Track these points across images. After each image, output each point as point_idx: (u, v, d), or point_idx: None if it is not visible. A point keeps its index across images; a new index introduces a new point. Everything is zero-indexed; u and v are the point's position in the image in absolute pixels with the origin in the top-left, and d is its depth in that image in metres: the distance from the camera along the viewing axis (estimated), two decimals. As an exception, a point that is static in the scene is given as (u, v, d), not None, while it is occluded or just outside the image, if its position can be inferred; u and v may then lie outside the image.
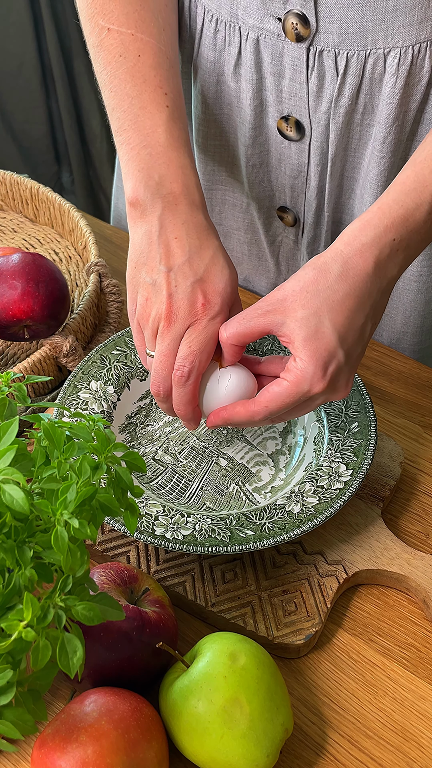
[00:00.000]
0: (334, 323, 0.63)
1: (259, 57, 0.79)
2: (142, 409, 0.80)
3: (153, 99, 0.72)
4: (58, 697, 0.64)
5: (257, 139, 0.84)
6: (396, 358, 0.90)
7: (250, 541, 0.67)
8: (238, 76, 0.81)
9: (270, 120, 0.83)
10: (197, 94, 0.86)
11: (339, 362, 0.63)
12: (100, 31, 0.75)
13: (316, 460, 0.74)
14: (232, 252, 0.98)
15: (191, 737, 0.57)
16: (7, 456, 0.51)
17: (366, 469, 0.71)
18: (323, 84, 0.78)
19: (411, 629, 0.69)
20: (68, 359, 0.83)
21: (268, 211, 0.91)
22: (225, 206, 0.93)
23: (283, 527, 0.68)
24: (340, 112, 0.79)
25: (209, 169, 0.90)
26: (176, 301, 0.66)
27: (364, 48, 0.75)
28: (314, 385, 0.63)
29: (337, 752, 0.62)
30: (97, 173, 2.22)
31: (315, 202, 0.87)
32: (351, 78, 0.76)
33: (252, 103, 0.82)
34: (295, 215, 0.90)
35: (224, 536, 0.68)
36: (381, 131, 0.78)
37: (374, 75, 0.76)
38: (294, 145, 0.83)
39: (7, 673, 0.49)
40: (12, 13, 1.93)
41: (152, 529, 0.68)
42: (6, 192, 1.06)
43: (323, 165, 0.84)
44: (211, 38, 0.81)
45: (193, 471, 0.75)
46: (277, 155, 0.85)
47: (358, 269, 0.64)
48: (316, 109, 0.80)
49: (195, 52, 0.83)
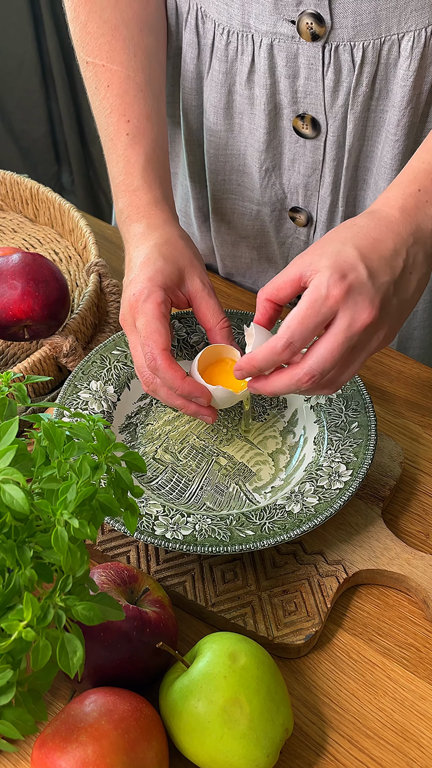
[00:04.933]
0: (357, 245, 0.63)
1: (273, 62, 0.79)
2: (142, 409, 0.80)
3: (116, 129, 0.79)
4: (58, 697, 0.64)
5: (271, 143, 0.85)
6: (396, 358, 0.90)
7: (250, 541, 0.67)
8: (251, 83, 0.81)
9: (284, 122, 0.83)
10: (208, 108, 0.86)
11: (359, 275, 0.62)
12: (81, 64, 0.82)
13: (317, 460, 0.74)
14: (241, 259, 0.98)
15: (191, 737, 0.57)
16: (7, 456, 0.51)
17: (366, 469, 0.71)
18: (340, 78, 0.78)
19: (411, 629, 0.69)
20: (68, 359, 0.83)
21: (280, 214, 0.91)
22: (234, 215, 0.94)
23: (283, 527, 0.68)
24: (358, 101, 0.79)
25: (220, 179, 0.91)
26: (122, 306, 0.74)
27: (379, 36, 0.75)
28: (332, 288, 0.61)
29: (337, 752, 0.62)
30: (97, 173, 2.22)
31: (329, 198, 0.87)
32: (368, 67, 0.77)
33: (266, 108, 0.82)
34: (308, 214, 0.90)
35: (224, 536, 0.68)
36: (395, 114, 0.79)
37: (389, 60, 0.77)
38: (309, 142, 0.83)
39: (7, 673, 0.49)
40: (12, 13, 1.93)
41: (152, 529, 0.68)
42: (6, 192, 1.06)
43: (339, 159, 0.84)
44: (222, 51, 0.81)
45: (193, 470, 0.75)
46: (291, 156, 0.85)
47: (383, 213, 0.66)
48: (332, 105, 0.80)
49: (207, 67, 0.84)
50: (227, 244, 0.97)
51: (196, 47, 0.84)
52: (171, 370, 0.69)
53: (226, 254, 0.98)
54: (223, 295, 0.97)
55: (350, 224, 0.66)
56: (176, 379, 0.69)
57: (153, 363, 0.69)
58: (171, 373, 0.69)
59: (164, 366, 0.69)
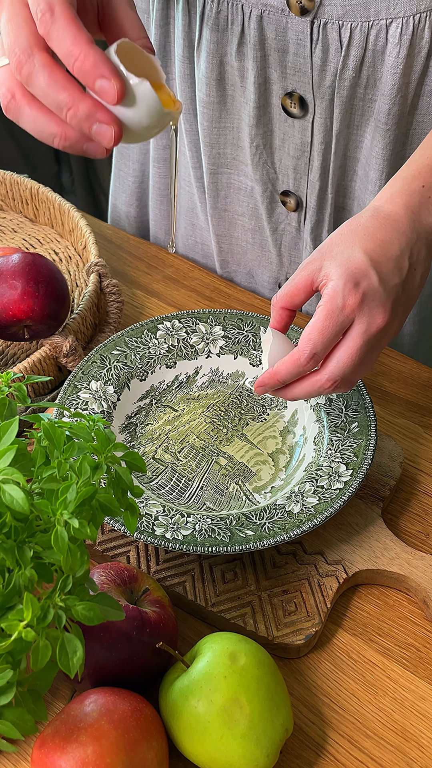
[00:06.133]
0: (365, 249, 0.65)
1: (263, 34, 0.80)
2: (142, 409, 0.80)
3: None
4: (58, 697, 0.64)
5: (261, 119, 0.85)
6: (396, 358, 0.90)
7: (250, 541, 0.67)
8: (241, 55, 0.82)
9: (274, 98, 0.84)
10: (201, 78, 0.86)
11: (371, 282, 0.64)
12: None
13: (317, 460, 0.74)
14: (237, 240, 0.98)
15: (191, 737, 0.57)
16: (7, 456, 0.51)
17: (366, 469, 0.71)
18: (327, 57, 0.79)
19: (411, 629, 0.69)
20: (68, 359, 0.83)
21: (272, 196, 0.91)
22: (230, 190, 0.94)
23: (283, 527, 0.68)
24: (345, 86, 0.80)
25: (215, 153, 0.91)
26: None
27: (367, 19, 0.76)
28: (347, 297, 0.63)
29: (337, 752, 0.62)
30: (97, 173, 2.22)
31: (318, 183, 0.87)
32: (355, 50, 0.77)
33: (256, 81, 0.82)
34: (297, 199, 0.90)
35: (224, 536, 0.68)
36: (385, 103, 0.79)
37: (377, 47, 0.77)
38: (297, 122, 0.84)
39: (7, 673, 0.49)
40: (12, 13, 1.93)
41: (152, 529, 0.68)
42: (6, 192, 1.06)
43: (327, 143, 0.84)
44: (213, 19, 0.81)
45: (193, 470, 0.75)
46: (281, 135, 0.86)
47: (388, 211, 0.67)
48: (320, 85, 0.80)
49: (197, 35, 0.84)
50: (224, 222, 0.97)
51: (188, 14, 0.84)
52: (74, 25, 0.49)
53: (222, 234, 0.98)
54: (223, 295, 0.97)
55: (355, 225, 0.66)
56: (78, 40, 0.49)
57: (46, 16, 0.49)
58: (73, 29, 0.49)
59: (64, 18, 0.49)
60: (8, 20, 0.51)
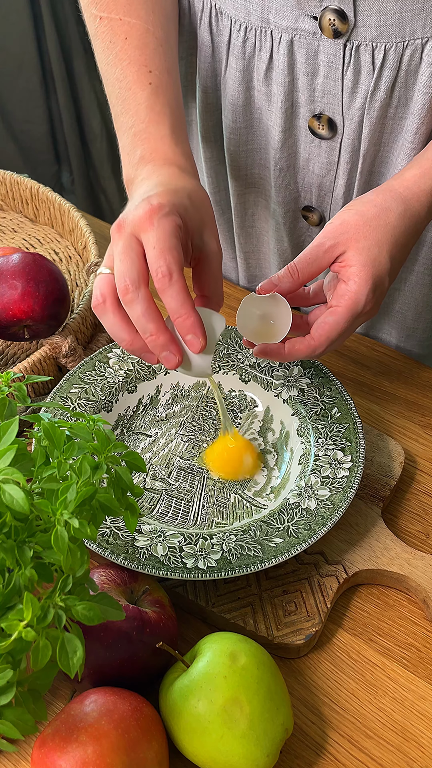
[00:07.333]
0: (391, 254, 0.69)
1: (293, 58, 0.79)
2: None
3: (137, 79, 0.73)
4: (58, 697, 0.64)
5: (286, 141, 0.84)
6: (396, 359, 0.90)
7: (282, 552, 0.66)
8: (269, 80, 0.81)
9: (300, 121, 0.83)
10: (227, 105, 0.85)
11: (383, 288, 0.70)
12: (93, 20, 0.77)
13: (308, 450, 0.74)
14: (265, 257, 0.99)
15: (191, 737, 0.57)
16: (7, 456, 0.51)
17: (363, 450, 0.73)
18: (359, 79, 0.78)
19: (411, 629, 0.69)
20: (68, 359, 0.83)
21: (294, 213, 0.91)
22: (258, 208, 0.94)
23: (308, 527, 0.68)
24: (375, 107, 0.79)
25: (242, 174, 0.91)
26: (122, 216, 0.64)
27: (402, 39, 0.74)
28: (366, 305, 0.69)
29: (337, 752, 0.62)
30: (97, 173, 2.22)
31: (342, 200, 0.87)
32: (388, 71, 0.76)
33: (283, 106, 0.82)
34: (320, 214, 0.90)
35: (256, 551, 0.67)
36: (414, 122, 0.79)
37: (411, 67, 0.76)
38: (324, 143, 0.83)
39: (7, 673, 0.49)
40: (12, 13, 1.93)
41: (183, 562, 0.66)
42: (6, 192, 1.06)
43: (353, 162, 0.84)
44: (239, 48, 0.81)
45: (188, 491, 0.74)
46: (306, 155, 0.85)
47: (415, 211, 0.71)
48: (350, 106, 0.80)
49: (223, 65, 0.83)
50: (252, 239, 0.97)
51: (211, 45, 0.84)
52: (185, 292, 0.62)
53: (250, 251, 0.98)
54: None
55: (384, 221, 0.69)
56: (186, 304, 0.62)
57: (165, 279, 0.61)
58: (184, 295, 0.61)
59: (179, 285, 0.61)
60: (123, 251, 0.62)
